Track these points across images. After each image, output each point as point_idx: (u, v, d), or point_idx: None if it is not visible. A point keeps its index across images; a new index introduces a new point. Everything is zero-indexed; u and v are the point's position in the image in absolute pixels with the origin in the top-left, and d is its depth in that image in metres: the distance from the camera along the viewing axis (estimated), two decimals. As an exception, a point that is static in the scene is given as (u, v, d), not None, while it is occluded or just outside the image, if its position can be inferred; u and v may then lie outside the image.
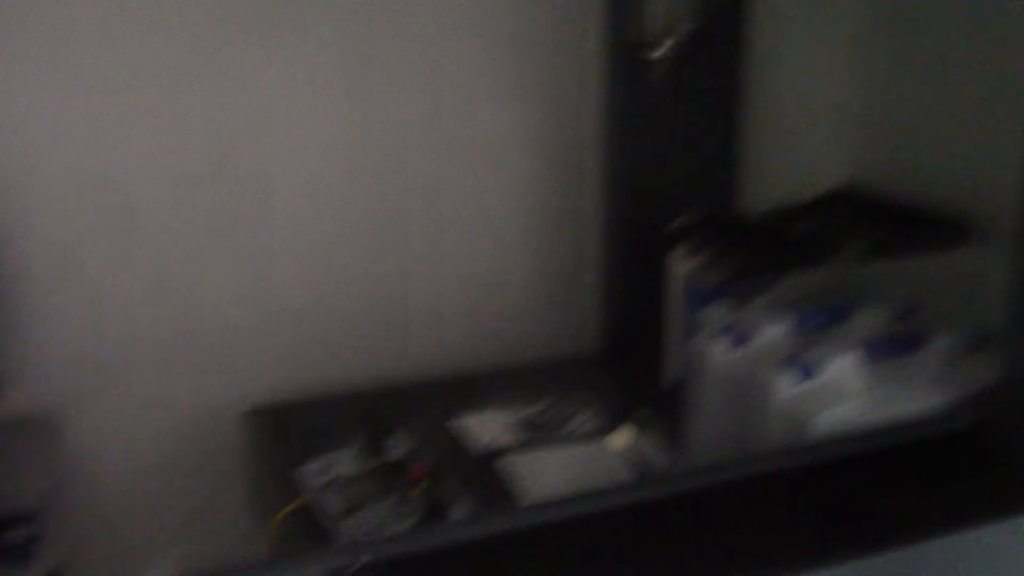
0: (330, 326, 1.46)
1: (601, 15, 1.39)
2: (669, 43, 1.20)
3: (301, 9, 1.34)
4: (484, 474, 1.19)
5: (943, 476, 0.97)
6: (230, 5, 1.30)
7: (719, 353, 1.11)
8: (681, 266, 1.35)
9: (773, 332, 1.13)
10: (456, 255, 1.51)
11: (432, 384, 1.46)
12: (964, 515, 0.86)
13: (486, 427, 1.29)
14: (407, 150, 1.44)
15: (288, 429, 1.33)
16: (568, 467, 1.16)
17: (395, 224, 1.46)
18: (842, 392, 1.03)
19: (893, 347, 1.11)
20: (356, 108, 1.40)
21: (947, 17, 1.31)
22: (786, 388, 1.02)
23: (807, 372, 1.03)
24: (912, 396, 1.05)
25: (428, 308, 1.51)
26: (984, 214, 1.13)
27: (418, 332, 1.51)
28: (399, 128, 1.43)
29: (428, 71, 1.42)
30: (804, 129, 1.48)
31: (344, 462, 1.20)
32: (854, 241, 1.13)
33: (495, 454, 1.18)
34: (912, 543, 0.81)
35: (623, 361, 1.48)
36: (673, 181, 1.41)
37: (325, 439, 1.23)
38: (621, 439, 1.18)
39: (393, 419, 1.28)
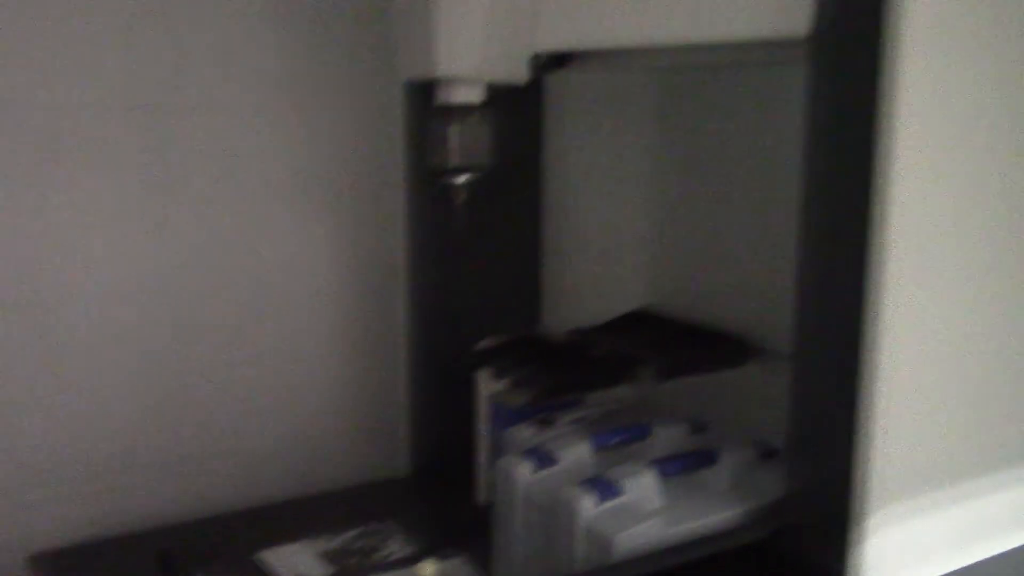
0: (126, 461, 1.39)
1: (406, 143, 1.43)
2: (470, 174, 1.24)
3: (100, 133, 1.31)
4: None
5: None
6: (23, 130, 1.27)
7: (524, 475, 1.12)
8: (488, 387, 1.37)
9: (576, 453, 1.15)
10: (261, 381, 1.48)
11: (237, 517, 1.41)
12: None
13: (293, 559, 1.25)
14: (210, 277, 1.42)
15: (79, 573, 1.25)
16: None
17: (197, 352, 1.43)
18: (643, 510, 1.06)
19: (689, 463, 1.15)
20: (155, 236, 1.37)
21: (732, 153, 1.42)
22: (589, 509, 1.04)
23: (608, 492, 1.06)
24: (709, 510, 1.09)
25: (231, 438, 1.46)
26: (766, 334, 1.21)
27: (221, 463, 1.46)
28: (201, 255, 1.41)
29: (233, 197, 1.41)
30: (603, 254, 1.54)
31: (139, 606, 1.13)
32: (651, 360, 1.18)
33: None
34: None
35: (435, 485, 1.47)
36: (479, 304, 1.44)
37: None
38: (429, 569, 1.17)
39: (193, 557, 1.22)
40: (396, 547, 1.28)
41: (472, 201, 1.30)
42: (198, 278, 1.41)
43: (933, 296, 0.93)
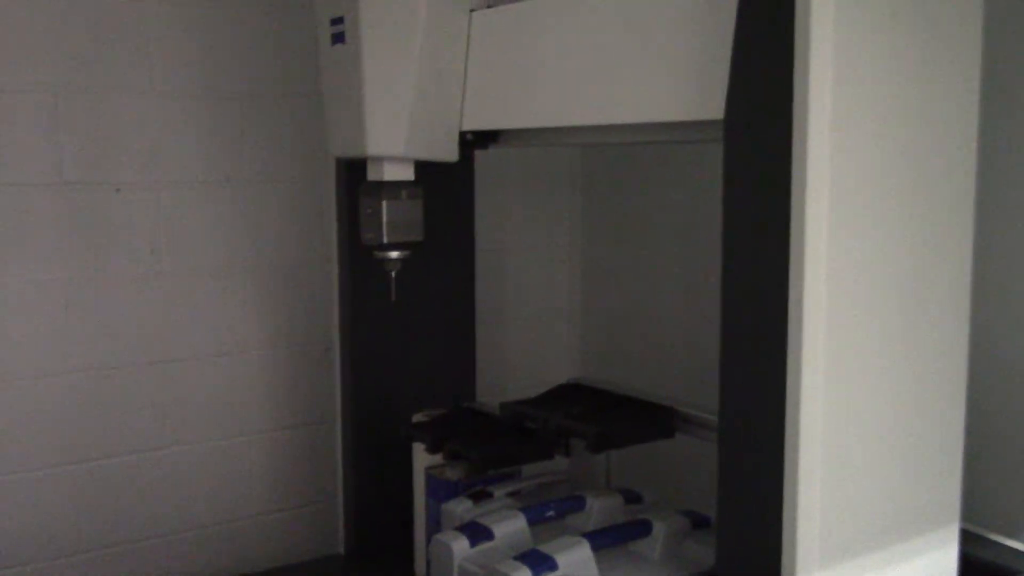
0: (53, 548, 1.36)
1: (339, 218, 1.44)
2: (404, 249, 1.26)
3: (23, 209, 1.30)
4: None
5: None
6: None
7: (461, 549, 1.12)
8: (423, 460, 1.37)
9: (511, 527, 1.16)
10: (192, 461, 1.46)
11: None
12: None
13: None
14: (136, 355, 1.41)
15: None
16: None
17: (123, 434, 1.41)
18: (578, 582, 1.06)
19: (623, 534, 1.16)
20: (81, 316, 1.36)
21: (657, 222, 1.46)
22: (525, 583, 1.05)
23: (544, 565, 1.06)
24: (643, 580, 1.10)
25: (162, 520, 1.44)
26: (695, 403, 1.23)
27: (152, 546, 1.44)
28: (128, 334, 1.40)
29: (160, 275, 1.41)
30: (535, 324, 1.57)
31: None
32: (584, 431, 1.19)
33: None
34: None
35: (373, 560, 1.46)
36: (414, 376, 1.45)
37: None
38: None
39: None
40: (332, 627, 1.27)
41: (406, 274, 1.32)
42: (124, 357, 1.39)
43: (855, 367, 0.96)
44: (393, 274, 1.32)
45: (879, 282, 0.96)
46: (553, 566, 1.07)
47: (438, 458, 1.36)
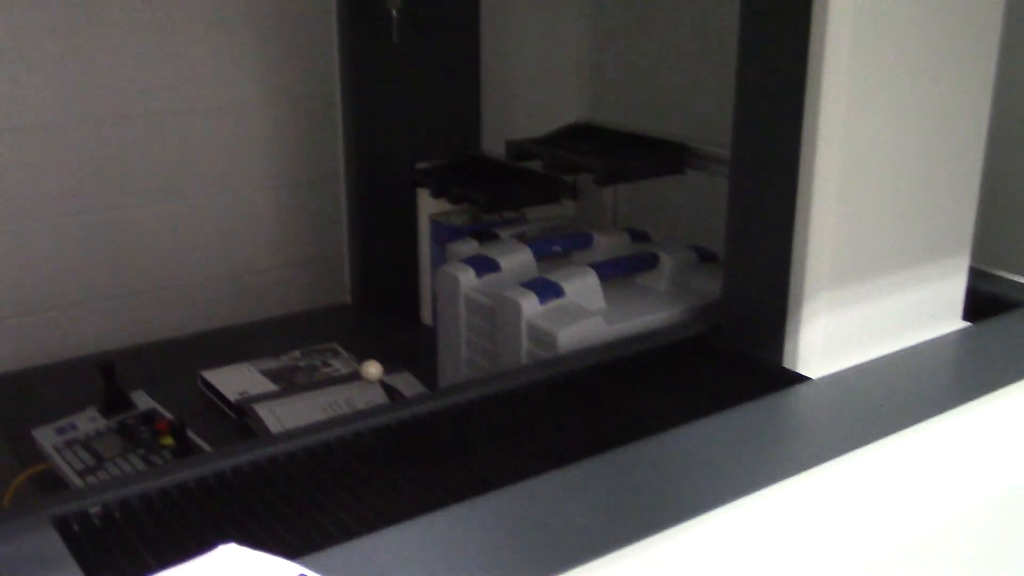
0: (65, 289, 1.37)
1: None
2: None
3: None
4: (235, 424, 1.15)
5: (682, 375, 1.03)
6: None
7: (468, 280, 1.12)
8: (428, 207, 1.37)
9: (518, 259, 1.15)
10: (197, 213, 1.45)
11: (180, 343, 1.41)
12: (701, 406, 0.91)
13: (237, 380, 1.25)
14: (135, 107, 1.37)
15: (23, 396, 1.24)
16: (322, 409, 1.14)
17: (126, 186, 1.39)
18: (585, 309, 1.07)
19: (630, 265, 1.16)
20: (77, 62, 1.32)
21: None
22: (533, 307, 1.05)
23: (551, 292, 1.07)
24: (650, 309, 1.11)
25: (169, 271, 1.45)
26: (706, 142, 1.21)
27: (161, 295, 1.45)
28: (125, 85, 1.36)
29: (155, 25, 1.36)
30: (541, 75, 1.52)
31: (85, 421, 1.13)
32: (591, 165, 1.18)
33: (246, 404, 1.15)
34: (661, 432, 0.86)
35: (379, 309, 1.48)
36: (418, 129, 1.42)
37: (64, 402, 1.16)
38: (373, 370, 1.17)
39: (136, 376, 1.22)
40: (341, 365, 1.29)
41: (409, 25, 1.27)
42: (120, 108, 1.36)
43: (876, 101, 0.93)
44: (395, 12, 1.27)
45: (906, 18, 0.93)
46: (560, 293, 1.07)
47: (444, 205, 1.35)
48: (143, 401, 1.17)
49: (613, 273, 1.13)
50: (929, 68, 0.97)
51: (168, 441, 1.08)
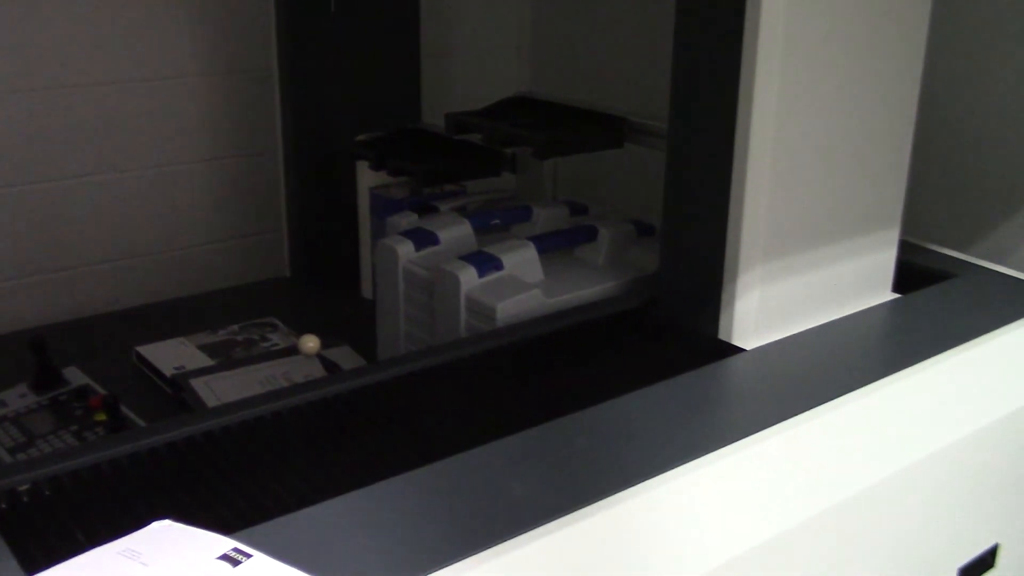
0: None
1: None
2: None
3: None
4: (171, 400, 1.14)
5: (617, 348, 1.04)
6: None
7: (406, 252, 1.12)
8: (368, 180, 1.36)
9: (457, 232, 1.15)
10: (137, 185, 1.43)
11: (115, 317, 1.38)
12: (637, 378, 0.92)
13: (173, 355, 1.23)
14: (80, 85, 1.34)
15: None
16: (260, 383, 1.13)
17: (67, 156, 1.36)
18: (524, 282, 1.07)
19: (568, 238, 1.17)
20: (12, 37, 1.28)
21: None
22: (471, 280, 1.05)
23: (490, 265, 1.07)
24: (588, 282, 1.11)
25: (105, 246, 1.42)
26: (645, 115, 1.21)
27: (95, 270, 1.42)
28: (61, 60, 1.32)
29: (94, 3, 1.33)
30: (481, 48, 1.52)
31: (15, 398, 1.11)
32: (530, 138, 1.17)
33: (182, 379, 1.13)
34: (598, 403, 0.86)
35: (318, 283, 1.47)
36: (356, 102, 1.41)
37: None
38: (311, 344, 1.17)
39: (70, 352, 1.20)
40: (279, 339, 1.28)
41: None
42: (53, 79, 1.33)
43: (800, 78, 0.94)
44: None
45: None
46: (499, 266, 1.07)
47: (383, 177, 1.34)
48: (76, 377, 1.15)
49: (552, 246, 1.14)
50: (862, 45, 0.99)
51: (101, 417, 1.07)
